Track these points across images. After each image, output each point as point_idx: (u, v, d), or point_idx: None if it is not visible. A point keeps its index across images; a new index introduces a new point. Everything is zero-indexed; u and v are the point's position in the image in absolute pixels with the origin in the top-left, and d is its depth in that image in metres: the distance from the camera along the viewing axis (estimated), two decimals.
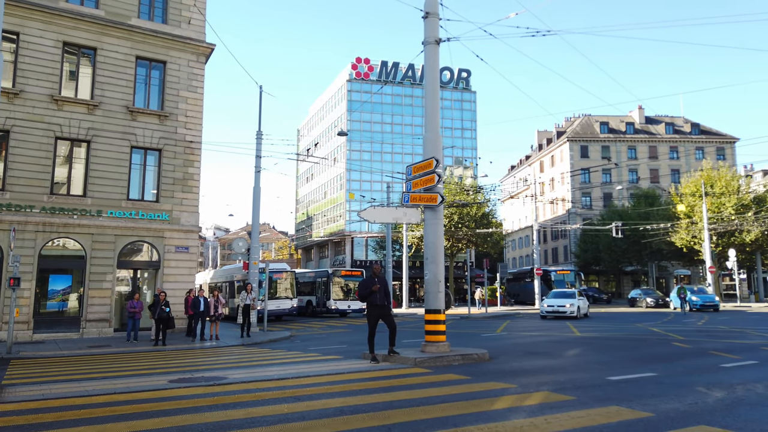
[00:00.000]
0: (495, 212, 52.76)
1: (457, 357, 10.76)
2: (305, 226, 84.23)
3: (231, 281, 33.02)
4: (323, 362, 11.28)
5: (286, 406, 6.65)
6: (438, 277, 11.74)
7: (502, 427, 5.46)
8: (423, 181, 12.11)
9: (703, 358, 10.89)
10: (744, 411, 6.13)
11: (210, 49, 22.50)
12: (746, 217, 41.99)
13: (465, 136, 75.09)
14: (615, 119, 68.13)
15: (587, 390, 7.47)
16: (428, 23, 12.27)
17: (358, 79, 71.44)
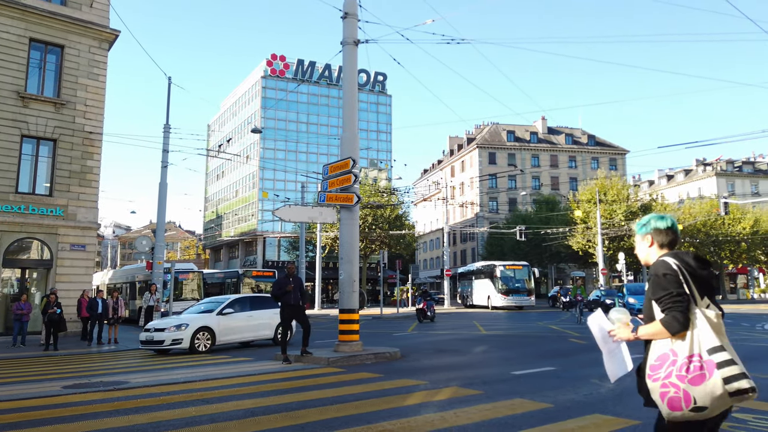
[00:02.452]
0: (408, 214, 53.83)
1: (370, 356, 10.86)
2: (214, 225, 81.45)
3: (132, 282, 31.25)
4: (233, 364, 10.98)
5: (194, 408, 6.41)
6: (353, 277, 11.80)
7: (414, 422, 5.60)
8: (339, 181, 12.12)
9: (596, 353, 11.59)
10: (632, 399, 6.67)
11: (114, 36, 21.20)
12: (634, 223, 45.68)
13: (380, 139, 76.00)
14: (521, 128, 71.70)
15: (493, 384, 7.81)
16: (347, 24, 12.32)
17: (273, 76, 70.19)
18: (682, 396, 2.52)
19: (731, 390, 2.45)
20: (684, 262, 2.70)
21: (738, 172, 74.92)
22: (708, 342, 2.55)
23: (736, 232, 51.85)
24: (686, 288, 2.64)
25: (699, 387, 2.49)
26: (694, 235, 51.34)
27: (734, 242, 52.43)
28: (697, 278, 2.68)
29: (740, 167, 75.62)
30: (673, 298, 2.63)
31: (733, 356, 2.52)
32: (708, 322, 2.59)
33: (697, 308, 2.63)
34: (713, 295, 2.71)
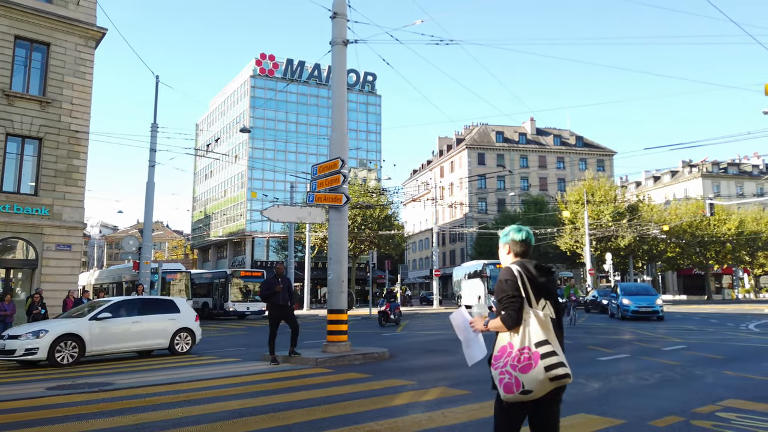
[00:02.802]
0: (397, 215, 53.86)
1: (358, 356, 10.85)
2: (203, 225, 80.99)
3: (119, 282, 31.00)
4: (220, 365, 10.91)
5: (179, 410, 6.37)
6: (341, 277, 11.78)
7: (401, 422, 5.60)
8: (328, 181, 12.10)
9: (582, 353, 11.80)
10: (618, 398, 6.74)
11: (101, 34, 21.01)
12: (621, 224, 46.07)
13: (370, 139, 75.98)
14: (510, 129, 72.04)
15: (481, 384, 7.82)
16: (336, 24, 12.30)
17: (262, 75, 69.95)
18: (513, 382, 3.00)
19: (551, 376, 2.94)
20: (526, 270, 3.19)
21: (723, 173, 75.80)
22: (536, 337, 3.03)
23: (722, 233, 52.46)
24: (522, 292, 3.11)
25: (526, 374, 2.96)
26: (680, 236, 51.87)
27: (719, 243, 53.04)
28: (536, 284, 3.15)
29: (725, 169, 76.51)
30: (509, 300, 3.10)
31: (555, 348, 3.01)
32: (537, 320, 3.07)
33: (531, 309, 3.10)
34: (551, 298, 3.19)
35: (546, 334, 3.03)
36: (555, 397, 3.08)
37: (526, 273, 3.17)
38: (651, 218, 49.18)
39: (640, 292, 24.42)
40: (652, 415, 5.77)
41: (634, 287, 25.82)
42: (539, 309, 3.11)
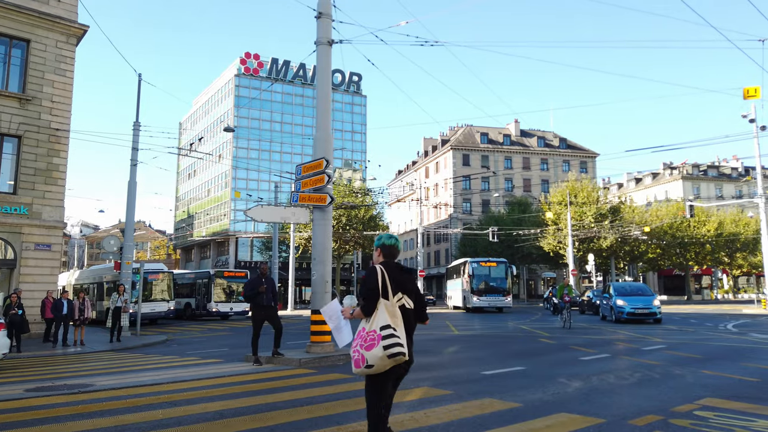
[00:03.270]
0: (382, 215, 53.89)
1: (342, 356, 10.83)
2: (186, 224, 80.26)
3: (100, 282, 30.58)
4: (202, 366, 10.82)
5: (160, 411, 6.31)
6: (325, 278, 11.76)
7: None
8: (312, 181, 12.07)
9: (565, 353, 11.91)
10: (598, 398, 6.82)
11: (82, 31, 20.73)
12: (603, 225, 46.61)
13: (355, 139, 75.90)
14: (494, 131, 72.49)
15: (463, 384, 7.88)
16: (321, 23, 12.28)
17: (246, 74, 69.54)
18: (360, 358, 3.71)
19: (388, 354, 3.65)
20: (388, 269, 3.94)
21: (703, 175, 77.04)
22: (382, 322, 3.74)
23: (701, 235, 53.36)
24: (381, 286, 3.84)
25: (369, 352, 3.67)
26: (660, 237, 52.62)
27: (699, 244, 53.94)
28: (395, 280, 3.89)
29: (705, 171, 77.77)
30: (368, 292, 3.85)
31: (394, 331, 3.72)
32: (386, 309, 3.80)
33: (385, 300, 3.82)
34: (407, 292, 3.95)
35: (392, 320, 3.77)
36: (404, 373, 3.94)
37: (388, 271, 3.91)
38: (632, 219, 49.82)
39: (636, 293, 22.46)
40: (631, 414, 5.85)
41: (629, 287, 23.74)
42: (395, 300, 3.84)
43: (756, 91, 17.46)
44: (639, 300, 21.52)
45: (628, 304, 21.27)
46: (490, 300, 33.99)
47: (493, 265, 35.36)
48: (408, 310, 3.92)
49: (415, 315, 4.00)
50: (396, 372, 3.83)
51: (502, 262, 36.10)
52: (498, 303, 34.05)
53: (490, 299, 34.00)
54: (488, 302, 33.92)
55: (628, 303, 21.29)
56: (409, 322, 3.91)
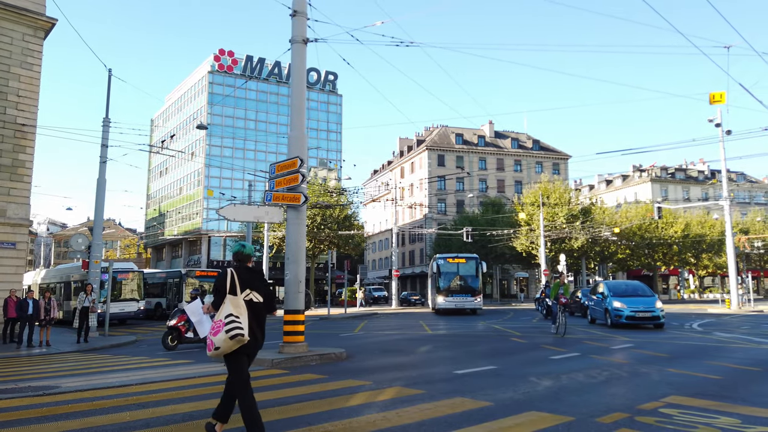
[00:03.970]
0: (357, 215, 53.78)
1: (315, 357, 10.80)
2: (157, 223, 78.91)
3: (67, 282, 29.87)
4: (172, 367, 10.66)
5: (128, 413, 6.20)
6: (299, 278, 11.70)
7: (356, 422, 5.61)
8: (286, 180, 11.99)
9: (536, 352, 12.08)
10: (567, 396, 6.93)
11: (50, 24, 20.21)
12: (575, 226, 47.36)
13: (330, 138, 75.60)
14: (469, 132, 73.02)
15: (436, 384, 7.92)
16: (296, 22, 12.21)
17: (220, 71, 68.68)
18: (210, 343, 4.63)
19: (230, 336, 4.54)
20: (238, 270, 4.87)
21: (671, 178, 78.90)
22: (226, 312, 4.64)
23: (669, 236, 54.65)
24: (229, 285, 4.74)
25: (216, 336, 4.59)
26: (630, 238, 53.70)
27: (667, 245, 55.23)
28: (243, 280, 4.80)
29: (673, 174, 79.66)
30: (217, 290, 4.80)
31: (236, 319, 4.61)
32: (231, 302, 4.69)
33: (233, 296, 4.71)
34: (255, 288, 4.85)
35: (235, 310, 4.65)
36: (253, 350, 4.83)
37: (238, 272, 4.83)
38: (603, 221, 50.73)
39: (634, 293, 19.65)
40: (599, 412, 5.96)
41: (624, 286, 20.96)
42: (242, 296, 4.75)
43: (721, 96, 17.96)
44: (639, 302, 18.64)
45: (627, 306, 18.40)
46: (458, 301, 30.77)
47: (462, 261, 32.09)
48: (256, 303, 4.84)
49: (264, 307, 4.91)
50: (245, 350, 4.74)
51: (473, 258, 32.57)
52: (467, 304, 30.73)
53: (458, 300, 30.78)
54: (456, 303, 30.66)
55: (627, 305, 18.44)
56: (259, 312, 4.84)
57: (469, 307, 30.66)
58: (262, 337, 4.88)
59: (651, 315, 18.19)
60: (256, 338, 4.76)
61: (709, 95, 18.06)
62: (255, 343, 4.78)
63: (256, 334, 4.76)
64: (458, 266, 31.94)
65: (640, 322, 18.29)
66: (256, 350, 4.86)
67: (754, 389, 7.50)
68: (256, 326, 4.78)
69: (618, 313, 18.55)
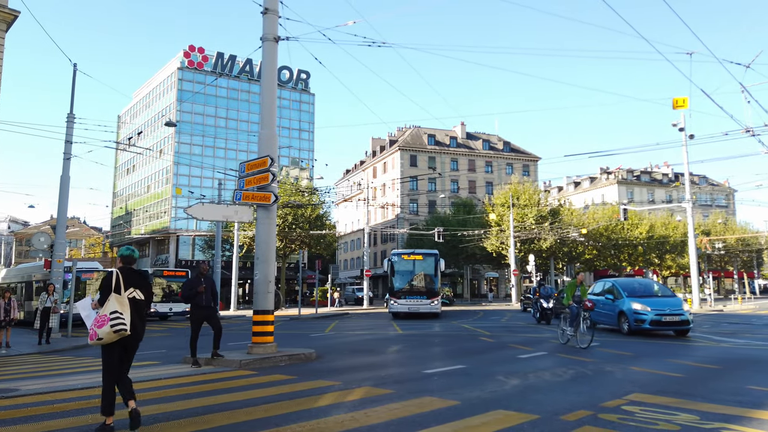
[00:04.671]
0: (329, 214, 53.61)
1: (284, 357, 10.72)
2: (123, 222, 77.26)
3: (29, 281, 29.00)
4: (137, 368, 10.40)
5: (90, 416, 6.05)
6: (268, 278, 11.59)
7: (324, 423, 5.59)
8: (257, 179, 11.87)
9: (504, 351, 12.23)
10: (533, 395, 7.04)
11: (13, 16, 19.57)
12: (543, 227, 48.11)
13: (302, 137, 75.20)
14: (441, 132, 73.51)
15: (405, 383, 7.95)
16: (267, 19, 12.10)
17: (190, 68, 67.65)
18: (93, 333, 5.32)
19: (113, 330, 5.27)
20: (122, 271, 5.60)
21: (637, 180, 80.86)
22: (112, 308, 5.35)
23: (634, 237, 55.99)
24: (114, 284, 5.47)
25: (101, 329, 5.27)
26: (597, 239, 54.81)
27: (632, 246, 56.58)
28: (126, 280, 5.54)
29: (638, 176, 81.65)
30: (102, 290, 5.50)
31: (120, 315, 5.34)
32: (116, 300, 5.40)
33: (117, 294, 5.44)
34: (138, 287, 5.61)
35: (119, 307, 5.37)
36: (129, 344, 5.51)
37: (122, 274, 5.55)
38: (571, 222, 51.66)
39: (650, 293, 16.76)
40: (564, 410, 6.07)
41: (638, 284, 18.10)
42: (126, 294, 5.46)
43: (684, 101, 18.48)
44: (663, 303, 15.65)
45: (651, 308, 15.31)
46: (413, 303, 26.99)
47: (418, 258, 28.22)
48: (139, 300, 5.58)
49: (145, 304, 5.66)
50: (123, 342, 5.45)
51: (431, 254, 28.53)
52: (422, 307, 26.79)
53: (413, 302, 27.01)
54: (410, 306, 26.91)
55: (651, 307, 15.36)
56: (140, 308, 5.58)
57: (424, 311, 26.78)
58: (143, 329, 5.66)
59: (680, 319, 15.22)
60: (137, 331, 5.50)
61: (673, 100, 18.57)
62: (135, 335, 5.51)
63: (137, 327, 5.50)
64: (414, 264, 28.22)
65: (666, 327, 15.37)
66: (136, 341, 5.58)
67: (712, 386, 7.73)
68: (138, 320, 5.53)
69: (640, 317, 15.30)
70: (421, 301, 26.91)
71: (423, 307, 26.84)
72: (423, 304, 26.83)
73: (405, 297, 27.14)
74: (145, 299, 5.66)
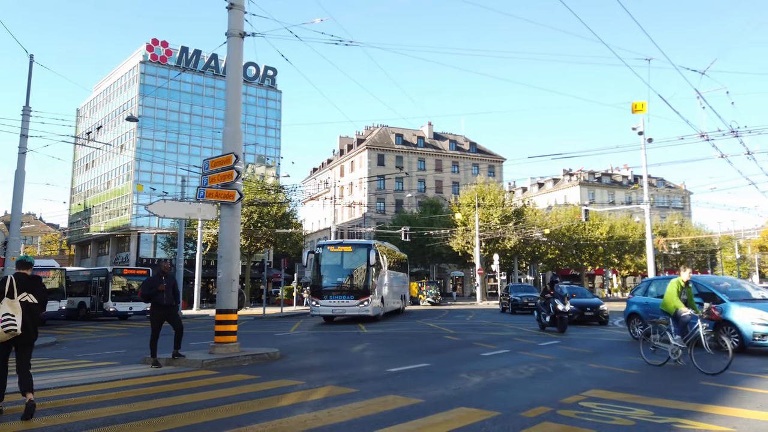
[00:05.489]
0: (295, 213, 53.21)
1: (248, 357, 10.60)
2: (82, 218, 74.98)
3: None
4: (95, 369, 10.16)
5: (43, 419, 5.86)
6: (232, 277, 11.44)
7: (287, 422, 5.55)
8: (220, 177, 11.69)
9: (468, 349, 12.37)
10: (495, 392, 7.14)
11: None
12: (508, 227, 48.84)
13: (269, 135, 74.42)
14: (409, 132, 73.78)
15: (368, 382, 7.96)
16: (233, 15, 11.93)
17: (153, 62, 66.11)
18: None
19: (5, 330, 5.87)
20: (16, 277, 6.20)
21: (598, 182, 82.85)
22: (3, 311, 5.92)
23: (595, 237, 57.37)
24: (7, 289, 6.03)
25: None
26: (559, 239, 55.94)
27: (593, 246, 57.96)
28: (20, 284, 6.15)
29: (600, 178, 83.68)
30: None
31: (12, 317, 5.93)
32: (8, 303, 5.96)
33: (9, 298, 5.99)
34: (31, 292, 6.21)
35: (11, 309, 5.95)
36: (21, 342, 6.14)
37: (16, 279, 6.15)
38: (534, 222, 52.58)
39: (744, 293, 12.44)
40: (524, 407, 6.18)
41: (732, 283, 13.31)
42: (18, 297, 6.04)
43: (643, 105, 18.97)
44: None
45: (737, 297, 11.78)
46: (336, 305, 22.07)
47: (347, 250, 23.42)
48: (32, 304, 6.18)
49: (39, 307, 6.29)
50: (17, 340, 6.08)
51: (363, 245, 23.69)
52: (349, 309, 22.04)
53: (336, 303, 22.06)
54: (333, 308, 22.14)
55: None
56: (34, 311, 6.18)
57: (351, 314, 22.19)
58: (35, 330, 6.23)
59: None
60: (29, 331, 6.09)
61: (632, 104, 19.05)
62: (27, 335, 6.09)
63: (29, 328, 6.08)
64: (343, 257, 23.19)
65: None
66: (29, 340, 6.17)
67: (666, 383, 7.99)
68: (30, 322, 6.08)
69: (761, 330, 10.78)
70: (347, 302, 21.91)
71: (350, 308, 21.97)
72: (350, 306, 21.90)
73: (329, 297, 22.15)
74: (39, 303, 6.27)
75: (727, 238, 76.42)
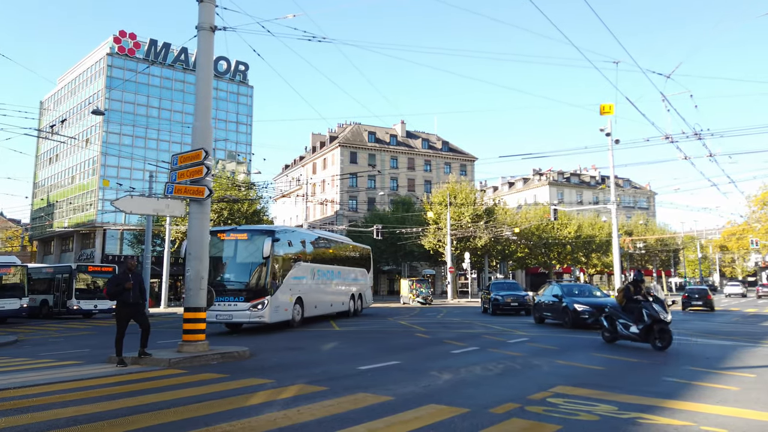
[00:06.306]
0: (267, 210, 52.67)
1: (216, 356, 10.47)
2: (45, 214, 72.85)
3: None
4: (58, 368, 9.89)
5: (3, 420, 5.68)
6: (201, 274, 11.27)
7: (256, 421, 5.50)
8: (190, 173, 11.50)
9: (438, 347, 12.45)
10: (465, 389, 7.21)
11: None
12: (479, 225, 49.33)
13: (240, 131, 73.50)
14: (381, 130, 73.79)
15: (339, 380, 7.95)
16: (203, 8, 11.74)
17: (121, 54, 64.58)
18: None
19: None
20: None
21: (566, 182, 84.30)
22: None
23: (563, 236, 58.43)
24: None
25: None
26: (529, 237, 56.78)
27: (561, 245, 59.02)
28: None
29: (568, 178, 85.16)
30: None
31: None
32: None
33: None
34: None
35: None
36: None
37: None
38: (505, 221, 53.23)
39: None
40: (493, 403, 6.26)
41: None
42: None
43: (611, 107, 19.37)
44: None
45: None
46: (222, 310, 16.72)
47: (242, 237, 17.78)
48: None
49: None
50: None
51: (261, 232, 17.98)
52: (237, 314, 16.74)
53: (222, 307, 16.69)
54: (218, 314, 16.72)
55: None
56: None
57: (240, 320, 16.94)
58: None
59: None
60: None
61: (600, 106, 19.43)
62: None
63: None
64: (236, 247, 17.70)
65: None
66: None
67: (630, 379, 8.20)
68: None
69: None
70: (235, 305, 16.68)
71: (238, 314, 16.70)
72: (238, 310, 16.66)
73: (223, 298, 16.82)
74: None
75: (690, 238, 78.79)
